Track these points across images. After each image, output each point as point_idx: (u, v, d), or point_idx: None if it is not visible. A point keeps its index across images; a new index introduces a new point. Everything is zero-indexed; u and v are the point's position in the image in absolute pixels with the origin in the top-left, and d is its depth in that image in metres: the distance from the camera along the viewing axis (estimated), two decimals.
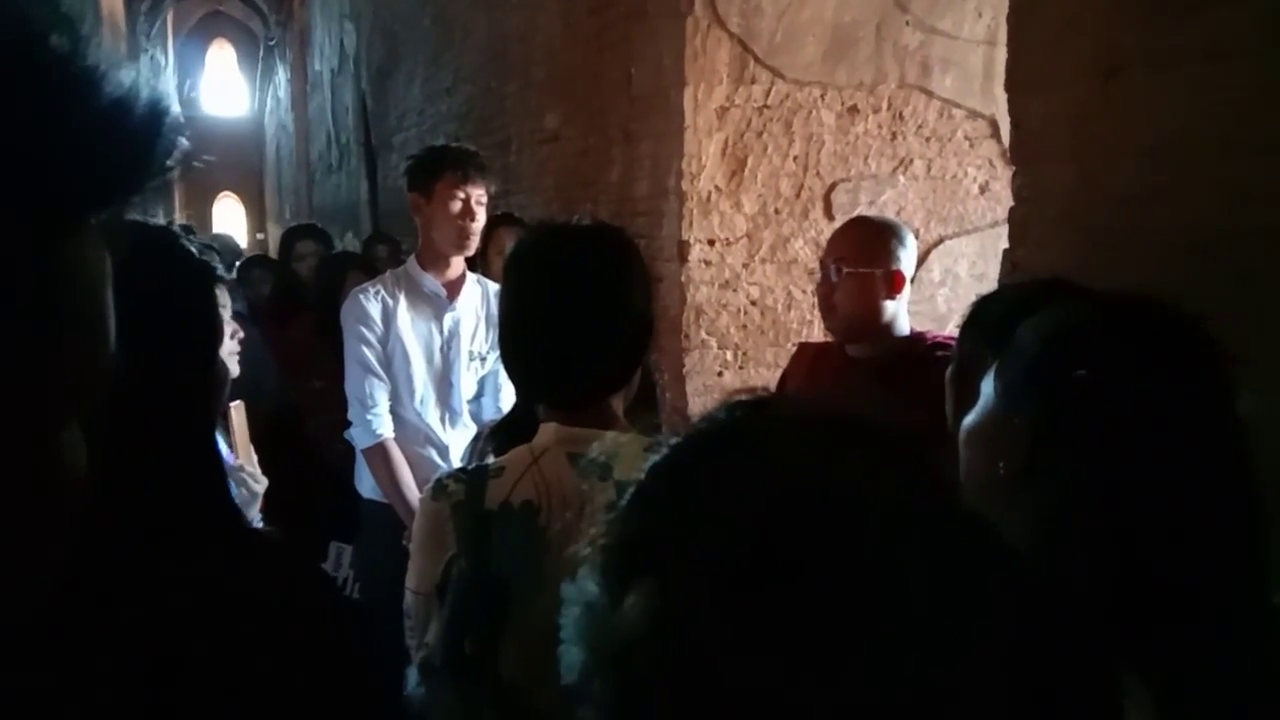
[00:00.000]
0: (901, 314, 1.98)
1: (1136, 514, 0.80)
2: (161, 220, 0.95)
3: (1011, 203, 1.73)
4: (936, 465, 0.45)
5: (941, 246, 3.37)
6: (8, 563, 0.36)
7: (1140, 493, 0.80)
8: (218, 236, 10.00)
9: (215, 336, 0.94)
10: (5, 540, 0.35)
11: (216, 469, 0.89)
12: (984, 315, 1.23)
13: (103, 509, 0.43)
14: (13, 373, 0.34)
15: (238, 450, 1.86)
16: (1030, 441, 0.87)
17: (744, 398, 0.47)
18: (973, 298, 1.33)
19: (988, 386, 0.96)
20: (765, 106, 3.14)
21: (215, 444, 0.91)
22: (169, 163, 0.38)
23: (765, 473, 0.42)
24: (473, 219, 2.43)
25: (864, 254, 1.94)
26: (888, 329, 1.96)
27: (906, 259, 1.96)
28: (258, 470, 1.56)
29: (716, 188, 3.14)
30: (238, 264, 4.81)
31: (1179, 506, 0.80)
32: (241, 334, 1.00)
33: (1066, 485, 0.83)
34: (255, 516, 1.62)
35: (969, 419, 0.99)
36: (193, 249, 0.91)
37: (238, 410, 1.90)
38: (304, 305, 3.61)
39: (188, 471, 0.85)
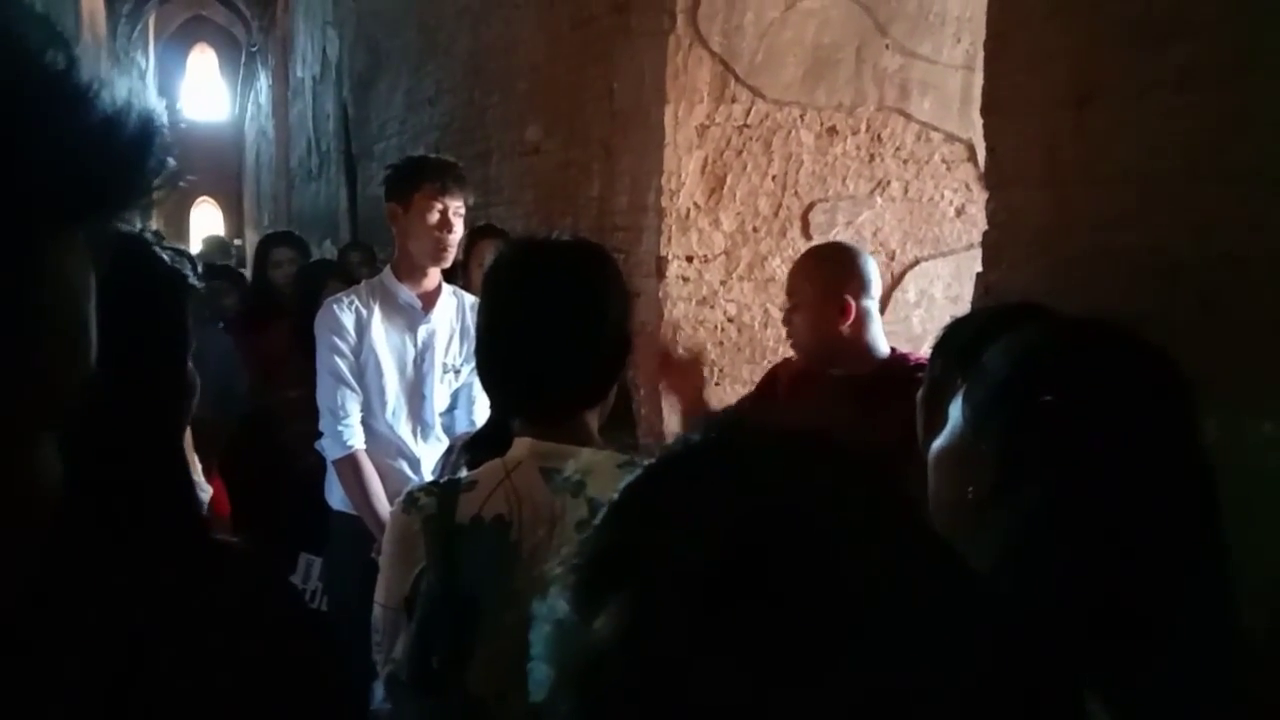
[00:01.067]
0: (874, 335, 2.03)
1: (1101, 538, 0.81)
2: (134, 227, 0.94)
3: (986, 226, 1.75)
4: (902, 484, 0.45)
5: (917, 268, 3.39)
6: None
7: (1105, 517, 0.81)
8: (212, 238, 9.91)
9: (186, 344, 0.93)
10: None
11: (184, 478, 0.88)
12: (954, 339, 1.24)
13: (68, 517, 0.43)
14: None
15: None
16: (997, 466, 0.87)
17: (719, 418, 0.48)
18: (947, 319, 1.34)
19: (955, 410, 0.96)
20: (745, 125, 3.16)
21: (183, 453, 0.90)
22: (159, 180, 0.39)
23: (736, 491, 0.42)
24: (450, 230, 2.42)
25: (812, 287, 2.02)
26: (862, 351, 2.01)
27: (858, 286, 2.01)
28: (202, 479, 1.55)
29: (695, 204, 3.15)
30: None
31: (1143, 530, 0.81)
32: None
33: (1032, 509, 0.83)
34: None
35: (937, 442, 0.99)
36: (164, 256, 0.90)
37: None
38: (279, 312, 3.59)
39: (155, 480, 0.84)
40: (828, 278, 2.03)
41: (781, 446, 0.46)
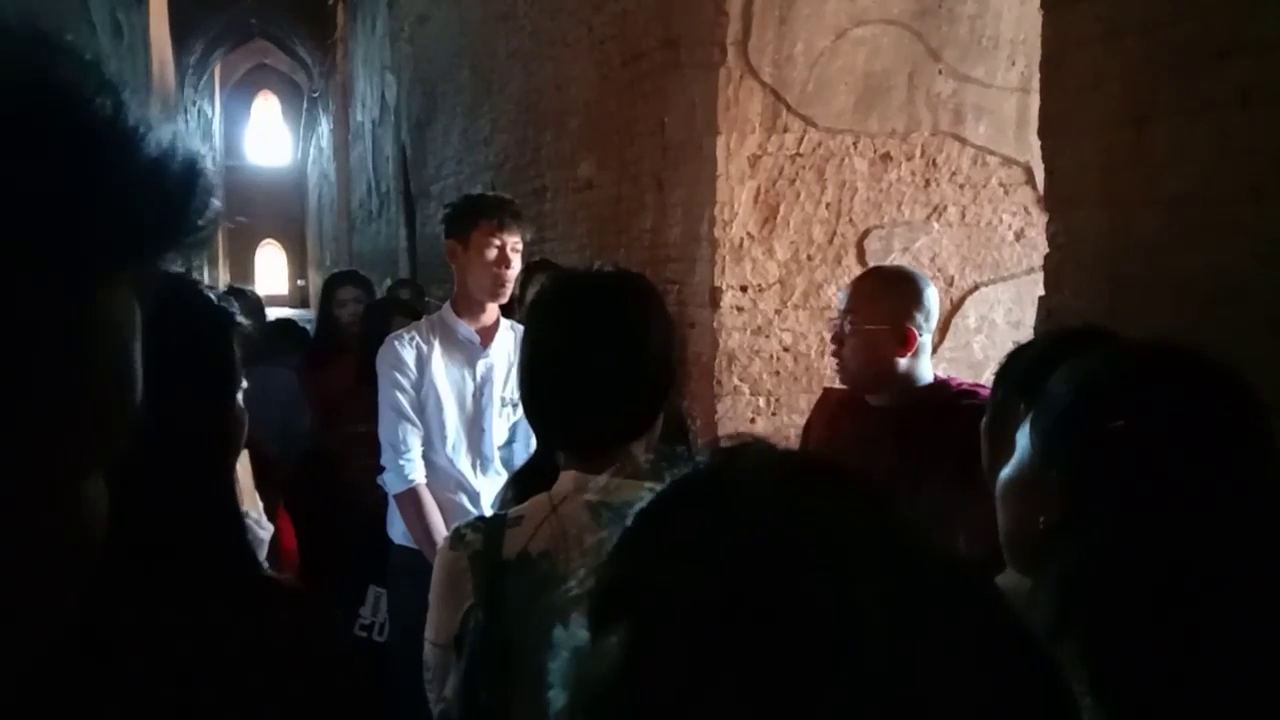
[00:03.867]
0: (922, 366, 1.92)
1: (1174, 567, 0.78)
2: (188, 268, 0.96)
3: (1046, 249, 1.72)
4: (901, 506, 0.45)
5: (977, 293, 3.35)
6: (23, 611, 0.37)
7: (1178, 546, 0.79)
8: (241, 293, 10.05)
9: (233, 382, 0.94)
10: (22, 588, 0.36)
11: (232, 515, 0.89)
12: (1016, 365, 1.22)
13: (116, 556, 0.44)
14: (40, 422, 0.35)
15: (243, 497, 1.87)
16: (1066, 494, 0.86)
17: (722, 444, 0.48)
18: (1009, 345, 1.31)
19: (1022, 438, 0.94)
20: (798, 154, 3.16)
21: (232, 490, 0.91)
22: (202, 221, 0.39)
23: (734, 517, 0.42)
24: (507, 266, 2.45)
25: (875, 309, 1.88)
26: (904, 380, 1.89)
27: (922, 315, 1.89)
28: (263, 516, 1.58)
29: (749, 234, 3.15)
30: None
31: (1218, 559, 0.78)
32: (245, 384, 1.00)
33: (1104, 539, 0.81)
34: (263, 562, 1.63)
35: (1005, 472, 0.98)
36: (210, 296, 0.92)
37: (242, 457, 1.92)
38: (344, 350, 3.65)
39: (202, 518, 0.85)
40: (894, 304, 1.88)
41: (779, 472, 0.46)
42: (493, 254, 2.43)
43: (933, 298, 1.94)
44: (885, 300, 1.90)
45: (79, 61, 0.36)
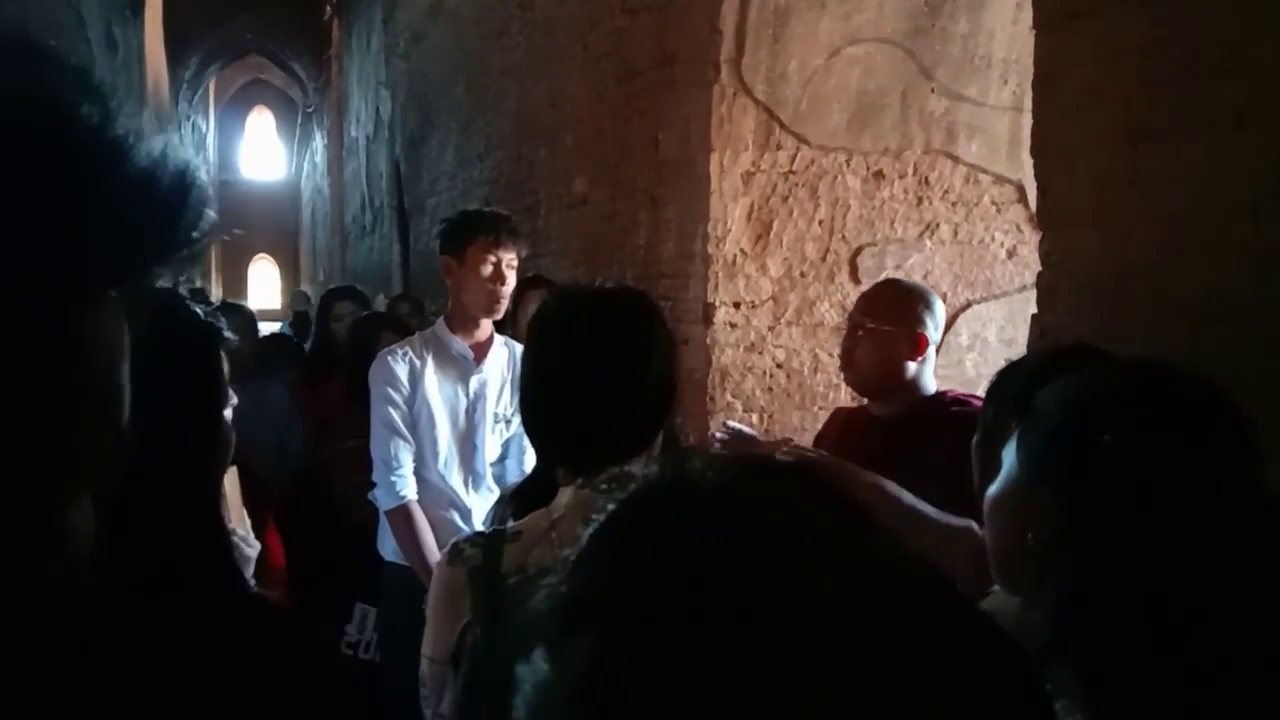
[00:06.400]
0: (926, 376, 1.98)
1: (1169, 584, 0.78)
2: (178, 282, 0.95)
3: (1039, 268, 1.72)
4: (854, 502, 0.44)
5: (969, 311, 3.36)
6: (9, 633, 0.36)
7: (1176, 564, 0.78)
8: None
9: (220, 399, 0.93)
10: (8, 610, 0.35)
11: (220, 533, 0.88)
12: (1007, 383, 1.22)
13: (104, 576, 0.43)
14: (25, 444, 0.34)
15: (230, 514, 1.85)
16: (1058, 511, 0.85)
17: (675, 454, 0.48)
18: (1001, 362, 1.31)
19: (1009, 455, 0.94)
20: (791, 172, 3.17)
21: (219, 508, 0.90)
22: (196, 234, 0.38)
23: (697, 518, 0.42)
24: (503, 283, 2.45)
25: (891, 313, 1.96)
26: (910, 389, 1.96)
27: (932, 324, 1.97)
28: (250, 534, 1.57)
29: (742, 251, 3.16)
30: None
31: (1211, 576, 0.78)
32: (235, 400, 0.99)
33: (1098, 555, 0.81)
34: (250, 579, 1.61)
35: (993, 489, 0.97)
36: (198, 311, 0.91)
37: (229, 474, 1.90)
38: (340, 366, 3.64)
39: (190, 536, 0.84)
40: (909, 309, 1.97)
41: (732, 472, 0.45)
42: (488, 270, 2.42)
43: (941, 311, 2.02)
44: (902, 305, 1.98)
45: (64, 68, 0.35)
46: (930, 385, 1.99)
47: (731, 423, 2.11)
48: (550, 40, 4.65)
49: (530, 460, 2.44)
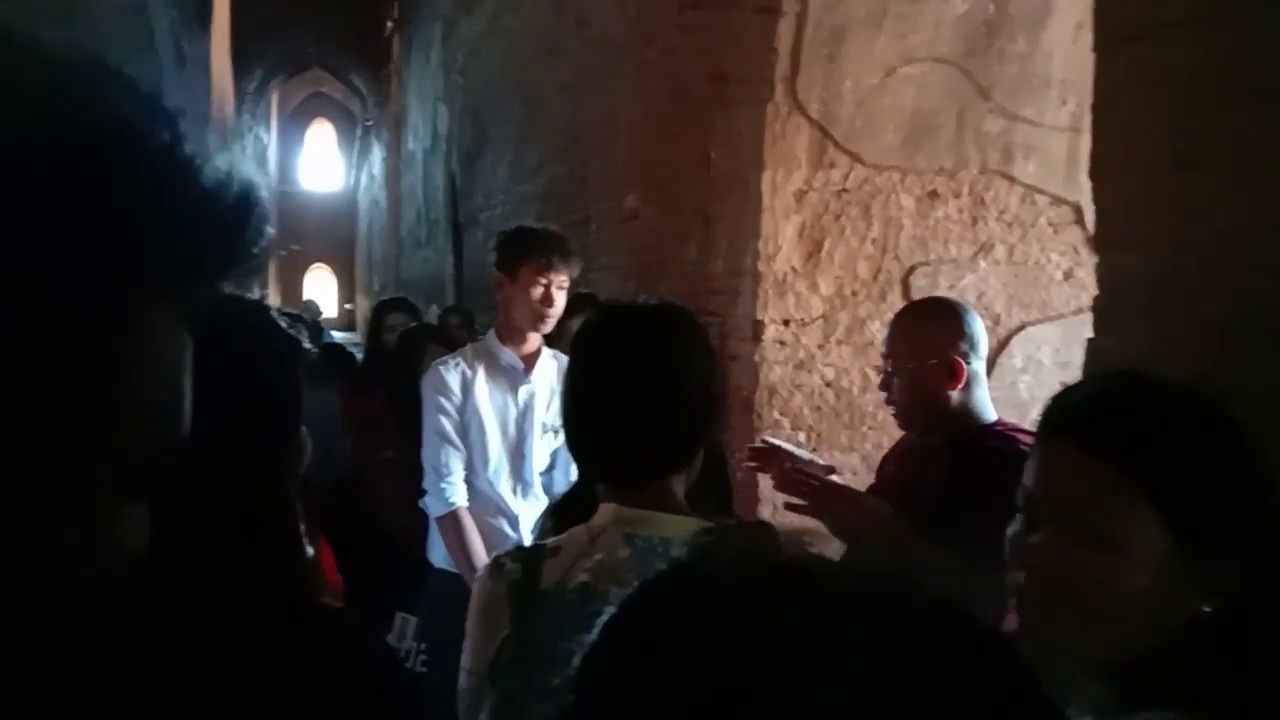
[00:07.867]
0: (975, 400, 1.84)
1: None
2: (255, 294, 0.97)
3: (1095, 290, 1.70)
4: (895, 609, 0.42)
5: (1024, 333, 3.31)
6: (54, 637, 0.37)
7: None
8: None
9: (299, 412, 0.95)
10: (53, 615, 0.36)
11: (294, 541, 0.89)
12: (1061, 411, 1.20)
13: (166, 580, 0.44)
14: (74, 451, 0.35)
15: None
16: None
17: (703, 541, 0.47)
18: (1056, 385, 1.29)
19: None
20: (844, 190, 3.16)
21: (295, 516, 0.91)
22: (256, 250, 0.39)
23: (693, 622, 0.41)
24: (551, 305, 2.48)
25: (914, 347, 1.83)
26: (959, 416, 1.82)
27: (966, 345, 1.82)
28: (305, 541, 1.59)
29: (793, 269, 3.16)
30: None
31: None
32: None
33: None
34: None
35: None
36: (281, 323, 0.92)
37: None
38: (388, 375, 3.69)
39: (263, 544, 0.85)
40: (934, 337, 1.82)
41: (750, 572, 0.44)
42: (538, 292, 2.46)
43: (976, 324, 1.87)
44: (924, 335, 1.85)
45: (137, 92, 0.36)
46: (985, 410, 1.85)
47: (771, 437, 1.99)
48: (604, 57, 4.70)
49: (576, 470, 2.46)
